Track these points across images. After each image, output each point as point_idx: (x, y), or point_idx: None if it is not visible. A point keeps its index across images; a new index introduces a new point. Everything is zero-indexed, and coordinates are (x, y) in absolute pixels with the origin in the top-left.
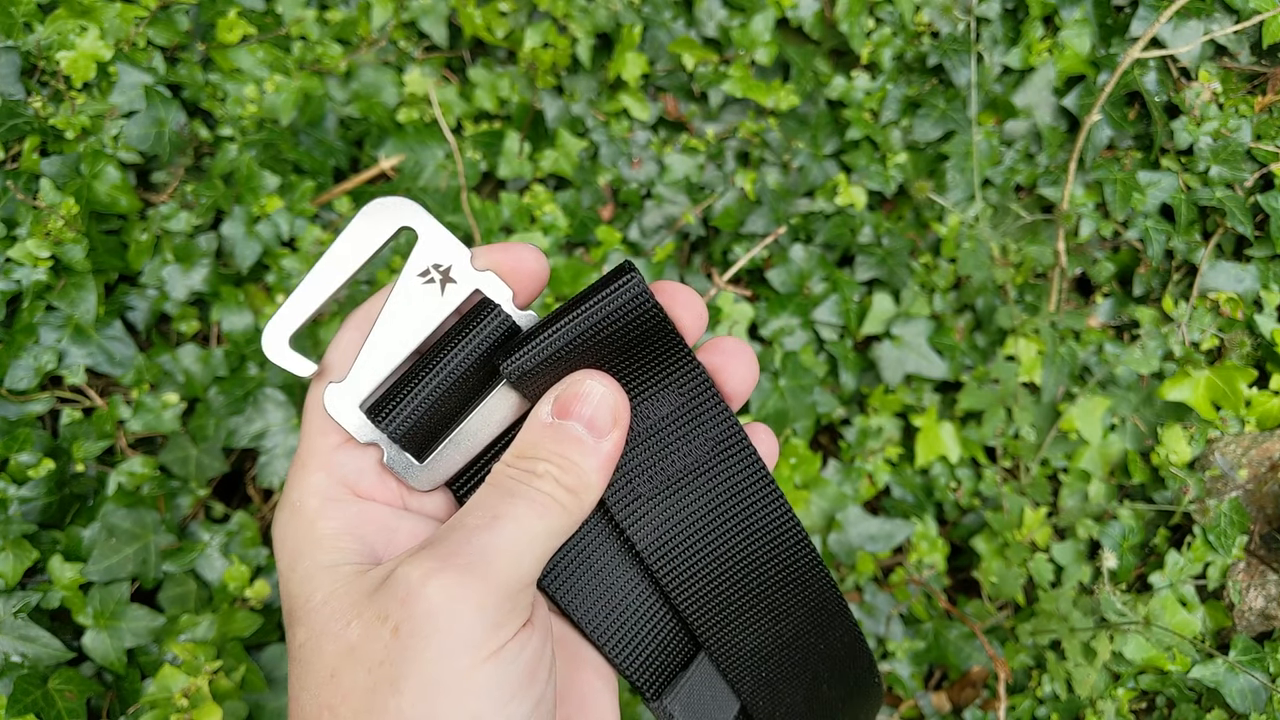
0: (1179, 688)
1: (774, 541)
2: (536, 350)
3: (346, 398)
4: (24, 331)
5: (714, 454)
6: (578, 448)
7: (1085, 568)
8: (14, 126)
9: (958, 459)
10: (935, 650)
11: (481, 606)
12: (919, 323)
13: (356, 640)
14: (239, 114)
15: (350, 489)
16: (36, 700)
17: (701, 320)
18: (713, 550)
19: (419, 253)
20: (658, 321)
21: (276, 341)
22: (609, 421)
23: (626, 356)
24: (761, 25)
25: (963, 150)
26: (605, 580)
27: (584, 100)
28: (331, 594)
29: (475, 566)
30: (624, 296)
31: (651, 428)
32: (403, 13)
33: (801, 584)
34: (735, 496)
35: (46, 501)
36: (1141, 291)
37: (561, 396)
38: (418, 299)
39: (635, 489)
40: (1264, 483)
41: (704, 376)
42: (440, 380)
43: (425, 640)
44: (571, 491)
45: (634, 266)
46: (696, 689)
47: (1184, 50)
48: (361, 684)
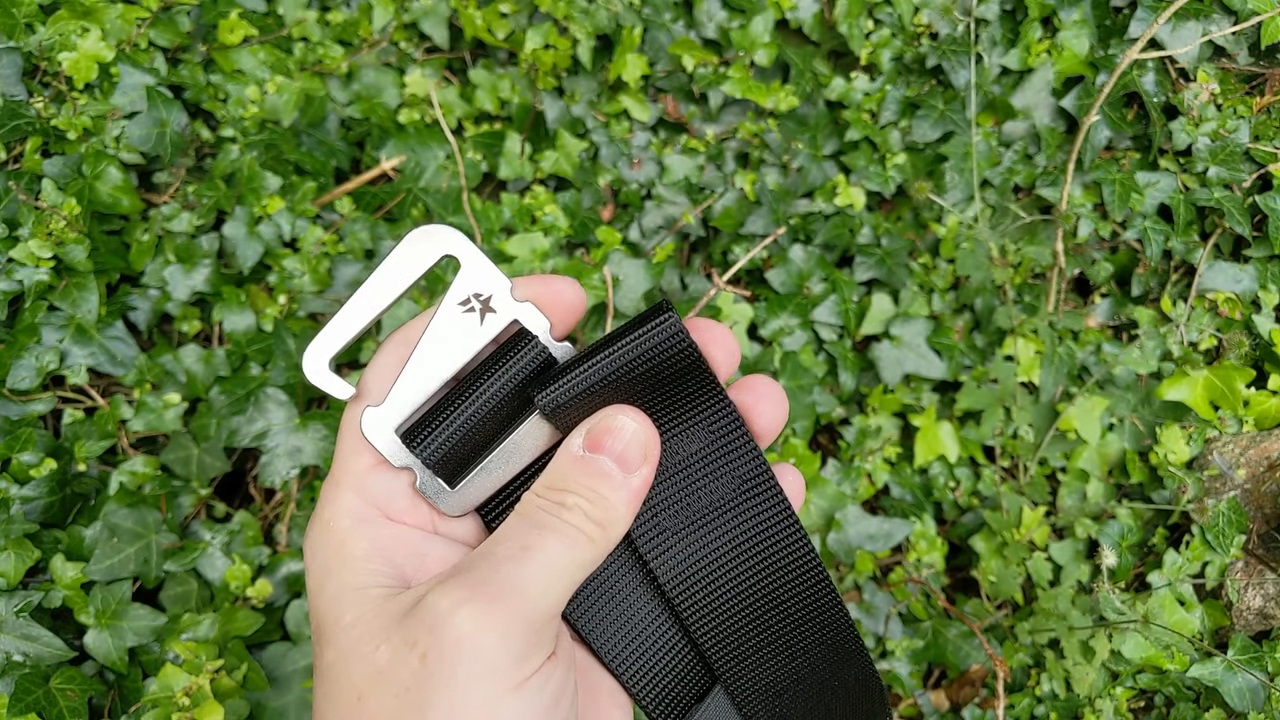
0: (1177, 686)
1: (795, 580)
2: (571, 384)
3: (383, 421)
4: (26, 331)
5: (741, 491)
6: (607, 482)
7: (1084, 567)
8: (16, 127)
9: (956, 458)
10: (934, 649)
11: (508, 637)
12: (918, 323)
13: (384, 665)
14: (240, 115)
15: (382, 511)
16: (38, 699)
17: (734, 358)
18: (735, 586)
19: (461, 281)
20: (692, 359)
21: (317, 364)
22: (639, 457)
23: (659, 392)
24: (761, 27)
25: (961, 151)
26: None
27: (584, 101)
28: (360, 616)
29: (503, 597)
30: (660, 335)
31: (681, 463)
32: (404, 14)
33: (820, 622)
34: (760, 534)
35: (48, 501)
36: (1140, 292)
37: (594, 430)
38: (457, 327)
39: (661, 523)
40: (1262, 482)
41: (734, 415)
42: (476, 409)
43: (453, 669)
44: (599, 525)
45: (671, 306)
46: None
47: (1182, 51)
48: (388, 708)
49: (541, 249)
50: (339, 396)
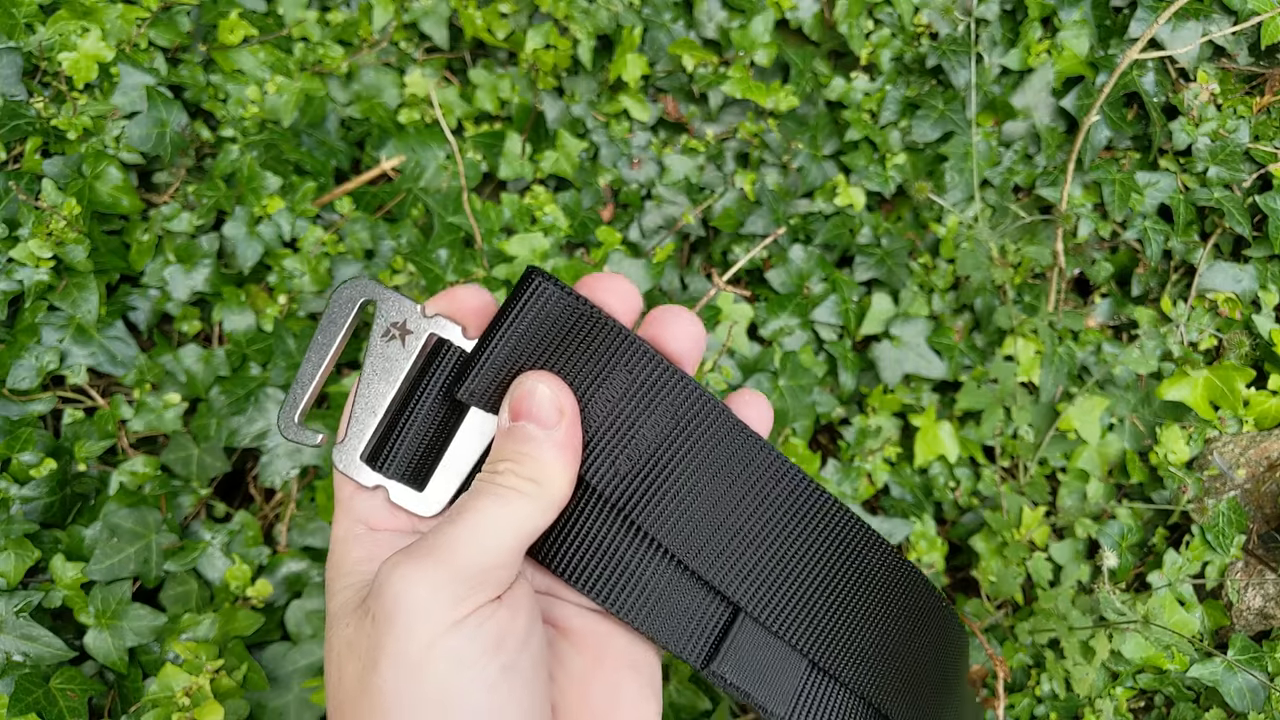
0: (1177, 686)
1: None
2: (476, 371)
3: (348, 453)
4: (26, 331)
5: (681, 418)
6: (531, 443)
7: (1084, 567)
8: (16, 127)
9: (956, 458)
10: None
11: (437, 586)
12: (918, 323)
13: (351, 636)
14: (240, 115)
15: (366, 525)
16: (38, 699)
17: (629, 299)
18: (711, 509)
19: (379, 317)
20: (581, 311)
21: (288, 424)
22: (554, 413)
23: (569, 350)
24: (761, 27)
25: (961, 151)
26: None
27: (584, 101)
28: (341, 605)
29: (433, 553)
30: (534, 301)
31: (612, 408)
32: (404, 14)
33: (810, 518)
34: (715, 452)
35: (48, 501)
36: (1140, 292)
37: (511, 402)
38: (385, 356)
39: (618, 469)
40: (1262, 482)
41: (644, 349)
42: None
43: (391, 621)
44: (531, 480)
45: (537, 270)
46: (745, 650)
47: (1182, 51)
48: (354, 671)
49: (541, 249)
50: (309, 445)
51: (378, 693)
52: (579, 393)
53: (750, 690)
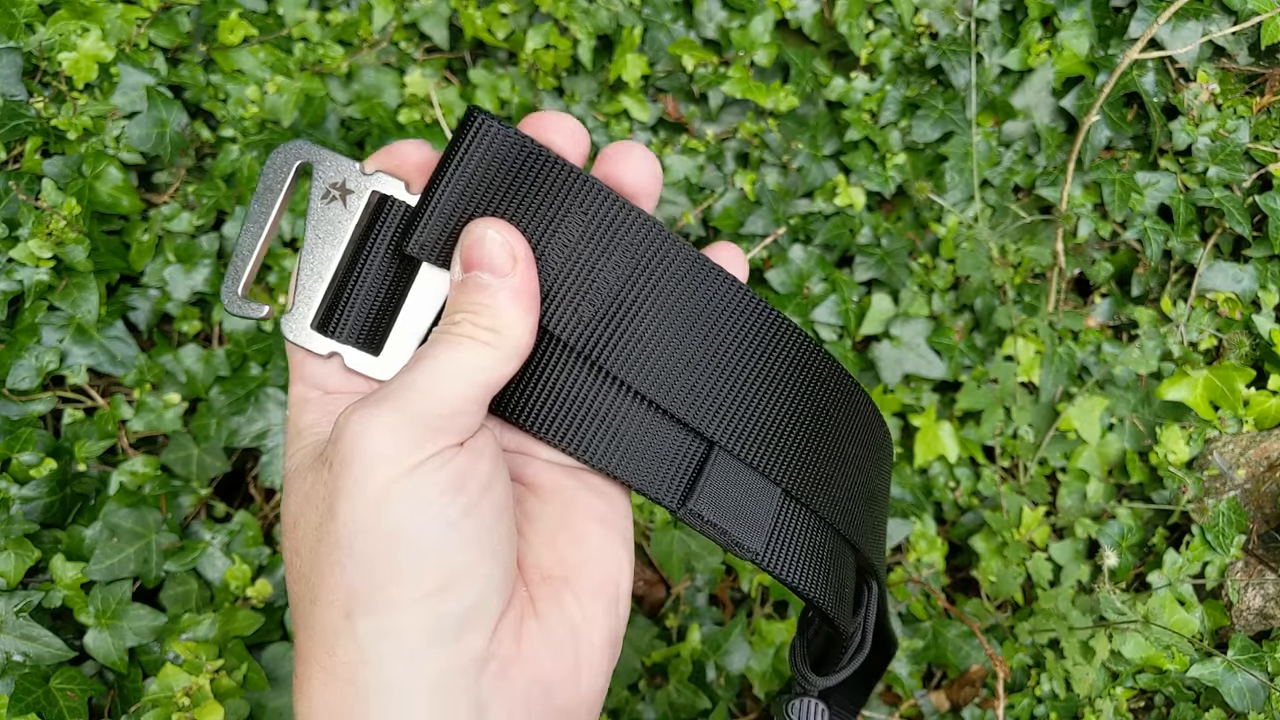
0: (1177, 686)
1: (733, 316)
2: (423, 221)
3: (297, 321)
4: (26, 331)
5: (642, 256)
6: (485, 292)
7: (1084, 567)
8: (16, 127)
9: (956, 458)
10: (934, 649)
11: (395, 429)
12: (918, 323)
13: (309, 487)
14: (240, 115)
15: (321, 390)
16: (38, 699)
17: (577, 138)
18: (679, 346)
19: (316, 179)
20: (529, 151)
21: (232, 298)
22: (508, 259)
23: (519, 195)
24: (761, 27)
25: (961, 151)
26: (594, 409)
27: (584, 101)
28: (300, 461)
29: (390, 399)
30: (479, 141)
31: (571, 253)
32: (404, 14)
33: (778, 348)
34: (679, 289)
35: (48, 501)
36: (1140, 292)
37: (462, 252)
38: (326, 218)
39: (580, 314)
40: (1262, 482)
41: (598, 188)
42: (362, 278)
43: (349, 466)
44: (489, 330)
45: (478, 109)
46: (720, 486)
47: (1182, 51)
48: (312, 521)
49: None
50: (256, 318)
51: (335, 536)
52: (533, 239)
53: (727, 527)
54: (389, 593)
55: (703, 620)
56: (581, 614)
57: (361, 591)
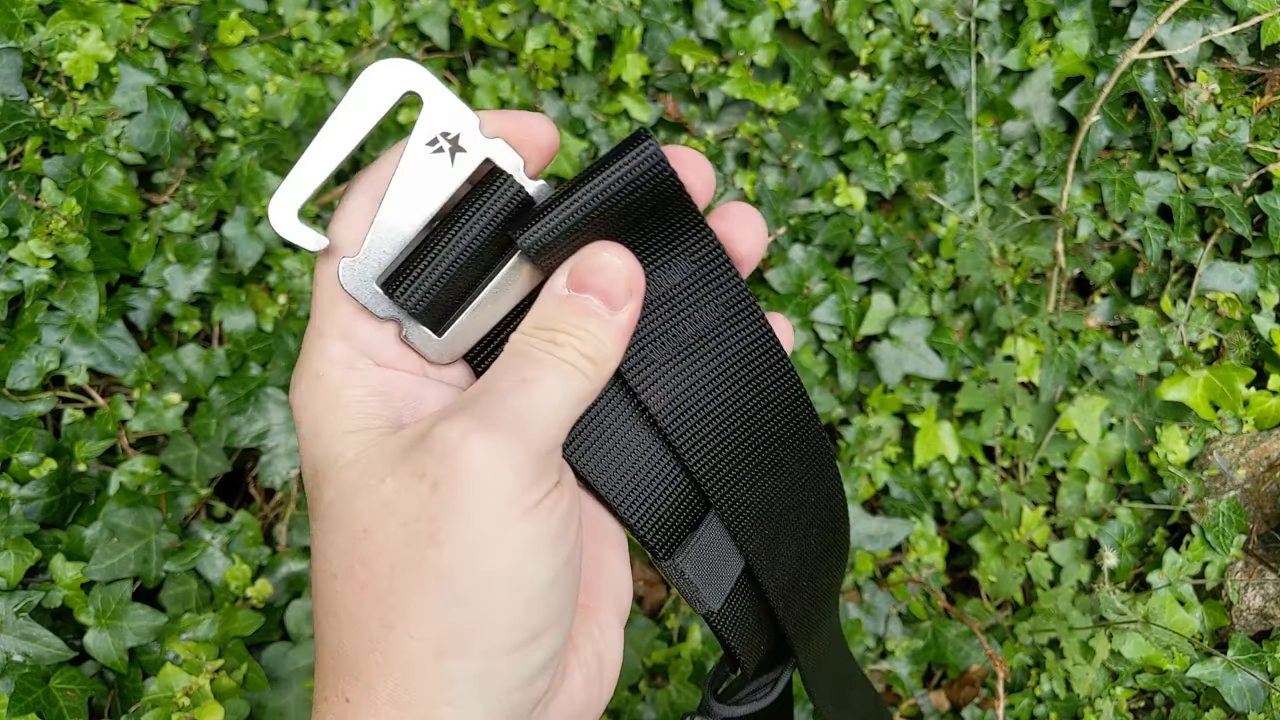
0: (1177, 686)
1: (778, 399)
2: (553, 223)
3: (362, 272)
4: (26, 331)
5: (725, 319)
6: (595, 320)
7: (1084, 567)
8: (16, 127)
9: (956, 458)
10: (934, 649)
11: (517, 465)
12: (918, 323)
13: (391, 496)
14: (240, 115)
15: (372, 359)
16: (38, 699)
17: (710, 185)
18: (723, 410)
19: (425, 120)
20: (672, 189)
21: (284, 215)
22: (624, 294)
23: (641, 224)
24: (761, 27)
25: (961, 151)
26: (621, 445)
27: (584, 101)
28: (362, 453)
29: (511, 427)
30: (642, 166)
31: (665, 295)
32: (404, 14)
33: (800, 437)
34: (745, 358)
35: (48, 501)
36: (1140, 292)
37: (577, 269)
38: (427, 169)
39: (649, 355)
40: (1262, 482)
41: (716, 243)
42: (456, 253)
43: (465, 496)
44: (592, 361)
45: (649, 134)
46: (705, 547)
47: (1182, 51)
48: (397, 538)
49: None
50: (311, 248)
51: (437, 569)
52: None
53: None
54: (489, 640)
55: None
56: (605, 642)
57: (460, 634)
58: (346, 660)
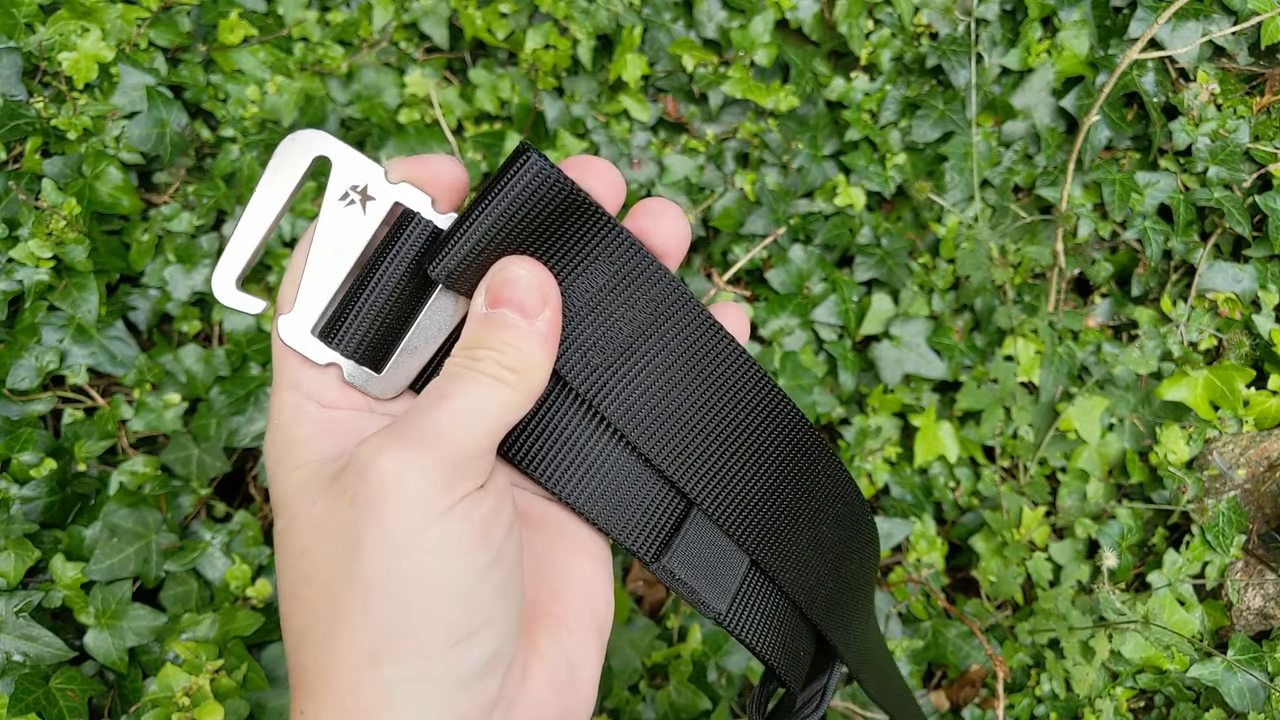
0: (1177, 686)
1: (736, 386)
2: (455, 248)
3: (298, 325)
4: (26, 331)
5: (659, 314)
6: (513, 332)
7: (1084, 567)
8: (16, 127)
9: (956, 458)
10: (934, 649)
11: (428, 470)
12: (918, 323)
13: (322, 516)
14: (240, 115)
15: (317, 402)
16: (38, 699)
17: (616, 187)
18: (678, 405)
19: (335, 178)
20: (569, 195)
21: (225, 286)
22: (538, 301)
23: (551, 236)
24: (761, 27)
25: (961, 151)
26: (584, 454)
27: (584, 101)
28: (303, 483)
29: (423, 438)
30: (525, 177)
31: (592, 299)
32: (404, 14)
33: (773, 423)
34: (689, 350)
35: (48, 501)
36: (1140, 292)
37: (490, 286)
38: (343, 222)
39: (590, 360)
40: (1262, 482)
41: (630, 241)
42: (376, 294)
43: (378, 505)
44: (514, 371)
45: (530, 146)
46: (694, 546)
47: (1182, 51)
48: (328, 554)
49: None
50: (249, 312)
51: (361, 577)
52: (559, 279)
53: (696, 586)
54: (417, 641)
55: (703, 620)
56: (577, 651)
57: (388, 637)
58: (300, 675)
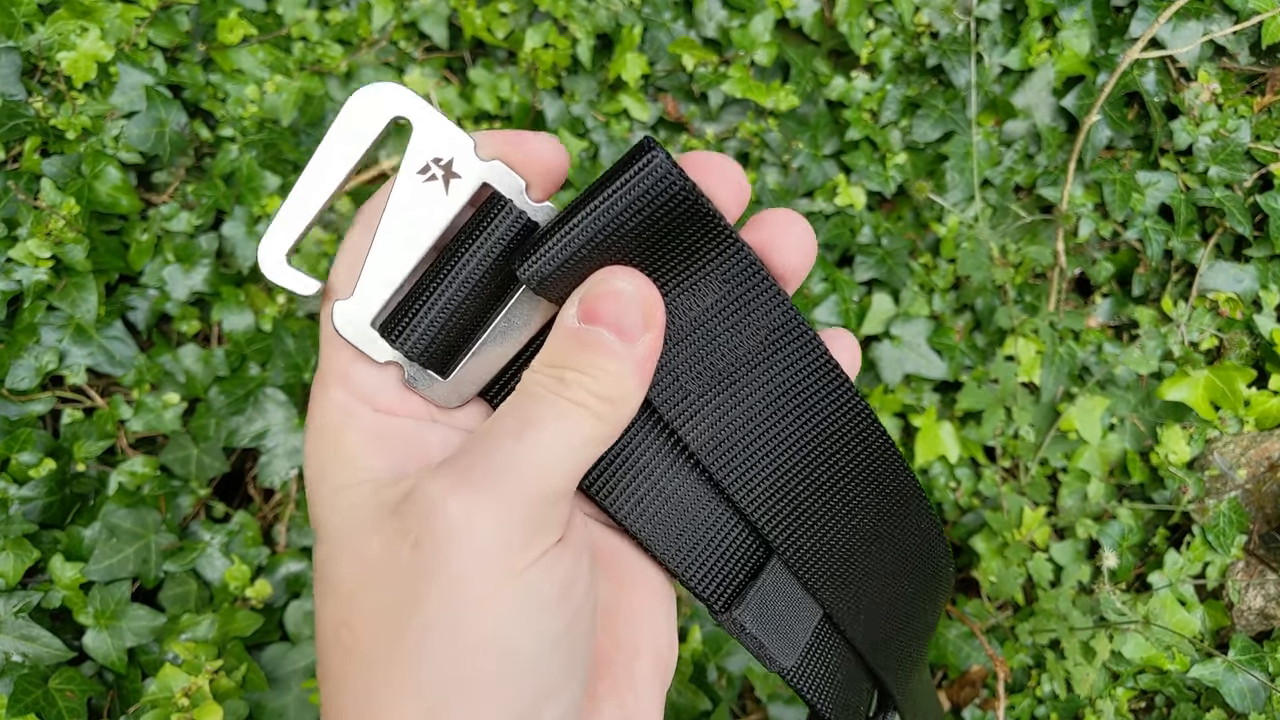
0: (1178, 687)
1: (842, 429)
2: (553, 251)
3: (356, 314)
4: (25, 331)
5: (769, 342)
6: (608, 354)
7: (1084, 567)
8: (15, 127)
9: (957, 459)
10: (934, 649)
11: (504, 522)
12: (918, 323)
13: (376, 556)
14: (240, 114)
15: (370, 404)
16: (37, 700)
17: (742, 193)
18: (775, 445)
19: (415, 146)
20: (691, 201)
21: (273, 259)
22: (640, 323)
23: (660, 244)
24: (761, 26)
25: (962, 151)
26: (662, 488)
27: (584, 101)
28: (352, 510)
29: (499, 480)
30: (649, 179)
31: (696, 320)
32: (403, 13)
33: (875, 473)
34: (796, 385)
35: (47, 501)
36: (1140, 291)
37: (587, 298)
38: (421, 199)
39: (684, 387)
40: (1263, 482)
41: (751, 258)
42: (453, 291)
43: (446, 557)
44: (605, 401)
45: (655, 143)
46: (769, 597)
47: (1183, 51)
48: (379, 600)
49: None
50: (301, 293)
51: (417, 634)
52: (664, 296)
53: (765, 641)
54: (477, 707)
55: (704, 621)
56: (637, 704)
57: (443, 704)
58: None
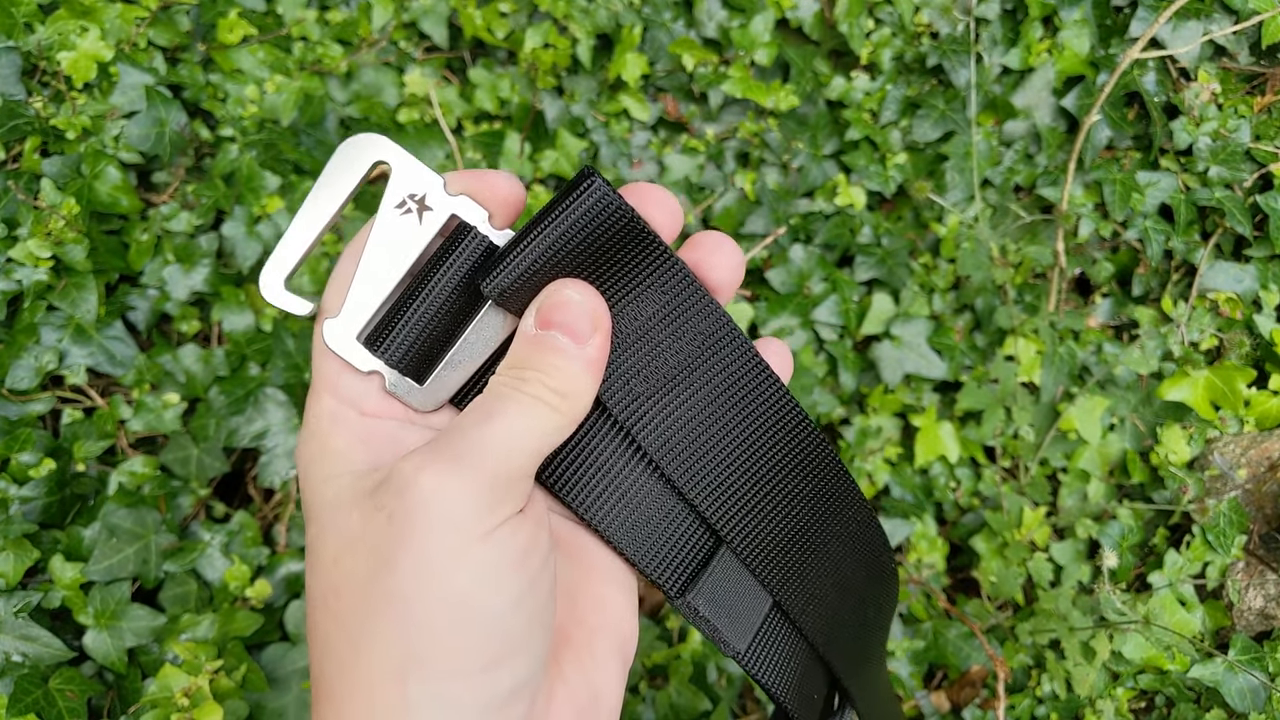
0: (1178, 687)
1: (776, 426)
2: (510, 267)
3: (342, 330)
4: (25, 331)
5: (705, 347)
6: (561, 355)
7: (1084, 567)
8: (15, 127)
9: (957, 459)
10: (934, 650)
11: (470, 492)
12: (918, 323)
13: (356, 529)
14: (240, 114)
15: (356, 409)
16: (37, 700)
17: (675, 217)
18: (717, 441)
19: (393, 185)
20: (628, 222)
21: (273, 285)
22: (589, 327)
23: (605, 261)
24: (761, 26)
25: (962, 151)
26: (619, 484)
27: (584, 101)
28: (337, 494)
29: (465, 457)
30: (587, 202)
31: (640, 328)
32: (403, 13)
33: (809, 466)
34: (732, 386)
35: (47, 501)
36: (1140, 291)
37: (541, 308)
38: (398, 229)
39: (633, 389)
40: (1263, 482)
41: (685, 273)
42: (426, 306)
43: (416, 524)
44: (560, 394)
45: (594, 171)
46: (720, 583)
47: (1183, 51)
48: (360, 568)
49: None
50: (297, 313)
51: (393, 594)
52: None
53: (719, 624)
54: (447, 663)
55: None
56: (602, 678)
57: (418, 656)
58: (324, 684)
